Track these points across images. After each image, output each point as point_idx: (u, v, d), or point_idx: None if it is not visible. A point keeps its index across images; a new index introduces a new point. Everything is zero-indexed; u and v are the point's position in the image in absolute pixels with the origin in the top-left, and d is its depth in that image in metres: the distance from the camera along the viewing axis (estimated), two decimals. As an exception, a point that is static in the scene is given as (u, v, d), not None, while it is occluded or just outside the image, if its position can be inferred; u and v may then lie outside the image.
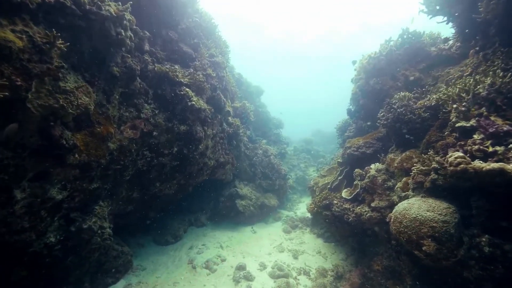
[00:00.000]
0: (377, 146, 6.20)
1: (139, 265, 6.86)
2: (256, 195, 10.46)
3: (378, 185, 5.06)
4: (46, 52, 3.02)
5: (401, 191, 4.44)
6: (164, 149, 5.79)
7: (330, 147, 23.79)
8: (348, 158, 6.81)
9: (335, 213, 5.81)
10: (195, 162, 6.66)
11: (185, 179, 6.93)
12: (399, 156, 4.86)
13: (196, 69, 5.97)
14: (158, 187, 6.34)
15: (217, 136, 7.45)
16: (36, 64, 2.97)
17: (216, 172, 8.42)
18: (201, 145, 6.49)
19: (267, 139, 13.81)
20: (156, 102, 5.44)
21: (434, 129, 4.28)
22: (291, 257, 7.46)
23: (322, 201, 6.24)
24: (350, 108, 8.21)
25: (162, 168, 6.06)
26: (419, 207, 3.67)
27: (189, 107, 5.54)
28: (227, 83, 8.08)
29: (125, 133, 4.83)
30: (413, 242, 3.61)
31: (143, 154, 5.43)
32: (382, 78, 6.63)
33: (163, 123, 5.50)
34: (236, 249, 8.00)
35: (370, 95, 6.91)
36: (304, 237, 8.91)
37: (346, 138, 9.41)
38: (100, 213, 4.59)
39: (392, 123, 4.89)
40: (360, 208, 5.38)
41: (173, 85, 5.36)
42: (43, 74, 3.02)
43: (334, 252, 7.66)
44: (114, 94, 4.50)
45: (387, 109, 5.11)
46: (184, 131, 5.95)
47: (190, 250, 7.84)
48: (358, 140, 6.61)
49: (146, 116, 5.18)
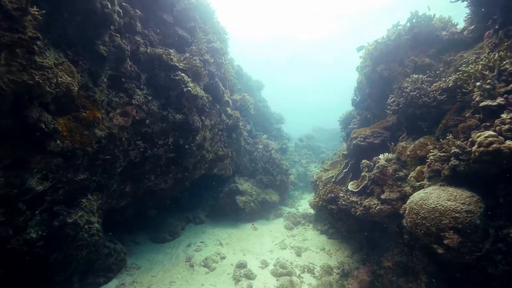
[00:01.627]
0: (385, 135, 5.83)
1: (133, 263, 6.50)
2: (257, 191, 10.10)
3: (389, 176, 4.69)
4: (17, 19, 2.65)
5: (415, 181, 4.08)
6: (158, 140, 5.42)
7: (332, 144, 23.44)
8: (354, 150, 6.44)
9: (342, 207, 5.44)
10: (192, 154, 6.29)
11: (181, 173, 6.56)
12: (412, 144, 4.49)
13: (192, 54, 5.60)
14: (153, 180, 5.97)
15: (216, 127, 7.08)
16: (5, 32, 2.59)
17: (215, 166, 8.05)
18: (198, 136, 6.12)
19: (268, 134, 13.43)
20: (149, 88, 5.06)
21: (452, 113, 3.91)
22: (294, 255, 7.11)
23: (327, 194, 5.88)
24: (354, 98, 7.83)
25: (157, 160, 5.69)
26: (438, 196, 3.30)
27: (185, 93, 5.17)
28: (226, 71, 7.71)
29: (115, 120, 4.46)
30: (432, 235, 3.25)
31: (135, 144, 5.06)
32: (390, 65, 6.25)
33: (157, 111, 5.13)
34: (236, 246, 7.64)
35: (377, 83, 6.53)
36: (307, 234, 8.55)
37: (350, 131, 9.04)
38: (88, 207, 4.22)
39: (404, 109, 4.52)
40: (368, 201, 5.02)
41: (168, 69, 4.99)
42: (14, 44, 2.64)
43: (339, 248, 7.30)
44: (101, 76, 4.12)
45: (398, 94, 4.74)
46: (180, 120, 5.58)
47: (188, 247, 7.48)
48: (365, 130, 6.25)
49: (138, 103, 4.81)
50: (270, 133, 13.88)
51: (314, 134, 19.66)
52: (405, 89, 4.56)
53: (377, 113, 7.09)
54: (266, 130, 13.94)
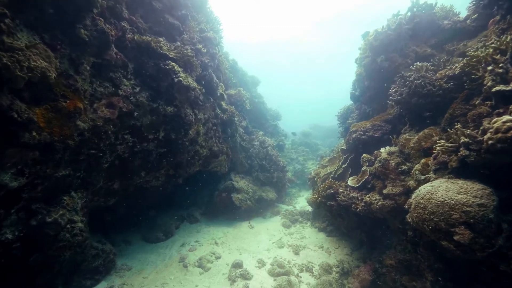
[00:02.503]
0: (386, 128, 5.61)
1: (124, 264, 6.20)
2: (253, 188, 9.85)
3: (391, 170, 4.46)
4: (-22, -8, 2.33)
5: (420, 174, 3.85)
6: (148, 134, 5.12)
7: (328, 141, 23.28)
8: (354, 144, 6.21)
9: (341, 203, 5.21)
10: (185, 149, 6.00)
11: (174, 169, 6.27)
12: (416, 136, 4.27)
13: (184, 43, 5.30)
14: (144, 177, 5.67)
15: (210, 121, 6.79)
16: (-36, 5, 2.28)
17: (210, 162, 7.77)
18: (191, 131, 5.83)
19: (264, 130, 13.17)
20: (137, 78, 4.76)
21: (459, 101, 3.69)
22: (291, 253, 6.87)
23: (326, 190, 5.64)
24: (353, 92, 7.60)
25: (147, 155, 5.39)
26: (447, 190, 3.08)
27: (176, 84, 4.87)
28: (220, 63, 7.40)
29: (99, 111, 4.16)
30: (441, 230, 3.02)
31: (123, 138, 4.76)
32: (391, 55, 6.02)
33: (146, 103, 4.83)
34: (232, 245, 7.38)
35: (377, 75, 6.30)
36: (305, 232, 8.33)
37: (349, 126, 8.82)
38: (70, 205, 3.92)
39: (407, 98, 4.29)
40: (369, 197, 4.79)
41: (157, 58, 4.69)
42: (-24, 20, 2.34)
43: (338, 246, 7.08)
44: (84, 63, 3.81)
45: (401, 83, 4.50)
46: (171, 113, 5.29)
47: (182, 247, 7.20)
48: (365, 123, 6.01)
49: (125, 93, 4.50)
50: (266, 129, 13.62)
51: (311, 131, 19.44)
52: (409, 78, 4.33)
53: (376, 107, 6.86)
54: (262, 126, 13.68)
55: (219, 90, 6.75)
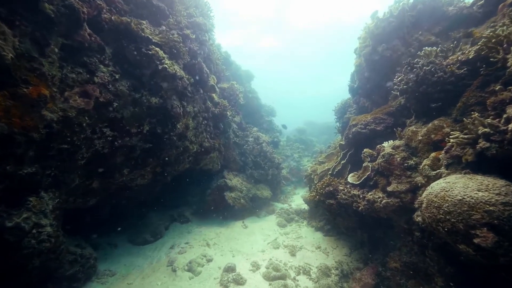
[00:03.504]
0: (389, 121, 5.26)
1: (107, 269, 5.73)
2: (247, 186, 9.44)
3: (396, 165, 4.10)
4: None
5: (430, 170, 3.50)
6: (130, 127, 4.64)
7: (323, 138, 23.01)
8: (353, 138, 5.85)
9: (341, 201, 4.84)
10: (173, 145, 5.54)
11: (161, 166, 5.80)
12: (423, 128, 3.91)
13: (170, 28, 4.82)
14: (127, 175, 5.20)
15: (200, 115, 6.33)
16: None
17: (201, 159, 7.32)
18: (179, 124, 5.37)
19: (259, 126, 12.75)
20: (116, 64, 4.27)
21: (473, 89, 3.33)
22: (287, 254, 6.50)
23: (325, 188, 5.26)
24: (352, 84, 7.24)
25: (130, 151, 4.92)
26: (465, 186, 2.72)
27: (160, 71, 4.40)
28: (211, 52, 6.93)
29: (71, 101, 3.67)
30: (458, 233, 2.66)
31: (101, 132, 4.27)
32: (393, 44, 5.66)
33: (126, 92, 4.35)
34: (225, 246, 6.97)
35: (378, 65, 5.94)
36: (301, 231, 7.98)
37: (346, 121, 8.49)
38: (37, 207, 3.44)
39: (414, 87, 3.93)
40: (372, 194, 4.43)
41: (138, 42, 4.21)
42: None
43: (336, 246, 6.75)
44: (50, 44, 3.32)
45: (407, 70, 4.14)
46: (156, 105, 4.82)
47: (171, 249, 6.75)
48: (365, 116, 5.65)
49: (102, 81, 4.01)
50: (261, 125, 13.20)
51: (306, 128, 19.11)
52: (416, 64, 3.96)
53: (377, 100, 6.51)
54: (257, 122, 13.25)
55: (210, 81, 6.29)
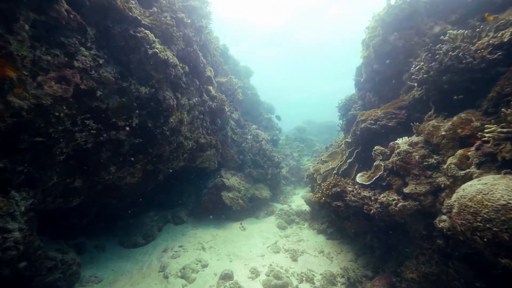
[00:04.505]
0: (401, 117, 4.83)
1: (93, 275, 5.26)
2: (246, 186, 8.98)
3: (414, 164, 3.67)
4: None
5: (457, 169, 3.06)
6: (117, 119, 4.16)
7: (323, 137, 22.64)
8: (361, 135, 5.41)
9: (350, 204, 4.40)
10: (165, 140, 5.06)
11: (153, 164, 5.33)
12: (447, 122, 3.47)
13: (162, 10, 4.34)
14: (114, 173, 4.71)
15: (196, 109, 5.85)
16: None
17: (197, 157, 6.84)
18: (172, 118, 4.90)
19: (258, 124, 12.29)
20: (100, 48, 3.78)
21: (509, 76, 2.91)
22: (289, 259, 6.06)
23: (331, 188, 4.82)
24: (358, 78, 6.80)
25: (117, 146, 4.44)
26: (509, 189, 2.29)
27: (150, 57, 3.93)
28: (208, 41, 6.45)
29: (46, 86, 3.18)
30: (502, 244, 2.23)
31: (83, 123, 3.79)
32: (405, 33, 5.23)
33: (112, 80, 3.87)
34: (222, 250, 6.52)
35: (389, 56, 5.50)
36: (302, 234, 7.54)
37: (351, 118, 8.06)
38: (4, 209, 2.96)
39: (436, 76, 3.50)
40: (385, 196, 3.99)
41: (126, 23, 3.73)
42: None
43: (340, 251, 6.32)
44: (19, 19, 2.83)
45: (427, 58, 3.71)
46: (146, 95, 4.34)
47: (163, 253, 6.28)
48: (375, 111, 5.22)
49: (84, 66, 3.53)
50: (259, 123, 12.74)
51: (305, 126, 18.67)
52: (439, 50, 3.53)
53: (385, 94, 6.08)
54: (255, 120, 12.79)
55: (207, 72, 5.81)
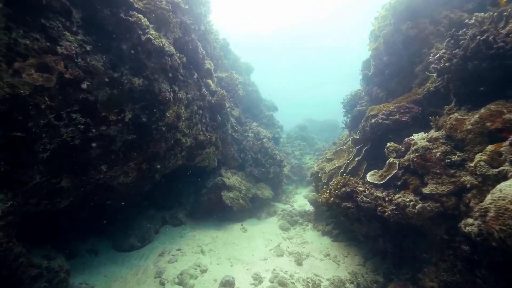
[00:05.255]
0: (416, 111, 4.49)
1: (84, 282, 4.91)
2: (247, 185, 8.64)
3: (435, 161, 3.33)
4: None
5: (488, 167, 2.72)
6: (108, 113, 3.81)
7: (324, 135, 22.30)
8: (371, 131, 5.07)
9: (362, 205, 4.06)
10: (162, 137, 4.71)
11: (148, 162, 4.98)
12: (474, 115, 3.13)
13: (156, -6, 3.99)
14: (106, 172, 4.36)
15: (194, 103, 5.50)
16: None
17: (195, 155, 6.49)
18: (169, 112, 4.54)
19: (259, 121, 11.94)
20: (88, 33, 3.42)
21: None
22: (293, 263, 5.72)
23: (340, 188, 4.47)
24: (365, 72, 6.45)
25: (108, 143, 4.08)
26: (561, 190, 1.94)
27: (144, 44, 3.57)
28: (208, 32, 6.07)
29: (25, 75, 2.83)
30: (555, 256, 1.89)
31: (69, 117, 3.43)
32: (419, 22, 4.88)
33: (101, 69, 3.51)
34: (222, 253, 6.17)
35: (401, 47, 5.16)
36: (306, 235, 7.21)
37: (357, 115, 7.71)
38: (-25, 213, 2.60)
39: (461, 64, 3.15)
40: (401, 197, 3.65)
41: (116, 5, 3.37)
42: None
43: (347, 254, 5.99)
44: (-11, -4, 2.47)
45: (449, 45, 3.36)
46: (140, 87, 3.98)
47: (160, 257, 5.94)
48: (387, 105, 4.87)
49: (69, 53, 3.17)
50: (260, 121, 12.38)
51: (307, 124, 18.31)
52: (463, 35, 3.19)
53: (395, 88, 5.74)
54: (256, 117, 12.43)
55: (206, 65, 5.46)
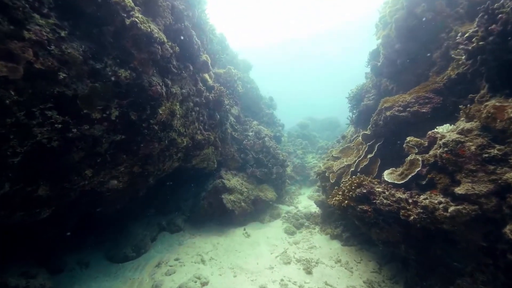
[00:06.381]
0: (437, 101, 4.03)
1: (72, 300, 4.43)
2: (248, 187, 8.16)
3: (469, 157, 2.86)
4: None
5: (543, 161, 2.24)
6: (90, 111, 3.33)
7: (325, 134, 21.84)
8: (386, 125, 4.61)
9: (382, 208, 3.59)
10: (154, 136, 4.23)
11: (140, 165, 4.50)
12: (516, 101, 2.67)
13: (143, -27, 3.52)
14: (91, 177, 3.87)
15: (190, 100, 5.02)
16: None
17: (193, 156, 6.01)
18: (161, 109, 4.07)
19: (259, 120, 11.46)
20: (64, 18, 2.95)
21: None
22: (302, 272, 5.26)
23: (355, 189, 4.00)
24: (374, 63, 5.99)
25: (92, 144, 3.60)
26: None
27: (129, 29, 3.10)
28: (203, 22, 5.59)
29: (-19, 63, 2.34)
30: None
31: (44, 115, 2.95)
32: (435, 4, 4.43)
33: (80, 59, 3.03)
34: (224, 262, 5.70)
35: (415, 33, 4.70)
36: (314, 239, 6.74)
37: (364, 109, 7.26)
38: None
39: (496, 42, 2.67)
40: (428, 199, 3.18)
41: (94, -17, 2.90)
42: None
43: (360, 260, 5.53)
44: None
45: (483, 21, 2.89)
46: (127, 80, 3.50)
47: (157, 268, 5.46)
48: (403, 96, 4.41)
49: (39, 38, 2.69)
50: (261, 119, 11.91)
51: (308, 122, 17.85)
52: (502, 8, 2.72)
53: (408, 79, 5.28)
54: (256, 116, 11.96)
55: (202, 57, 4.98)
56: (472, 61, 3.20)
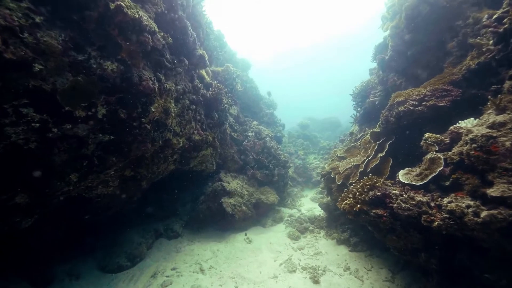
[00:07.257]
0: (456, 94, 3.68)
1: (59, 317, 4.05)
2: (249, 190, 7.80)
3: (504, 154, 2.51)
4: None
5: None
6: (72, 108, 2.96)
7: (326, 134, 21.54)
8: (398, 122, 4.26)
9: (400, 213, 3.23)
10: (147, 136, 3.86)
11: (132, 168, 4.13)
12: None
13: (131, -45, 3.17)
14: (77, 182, 3.49)
15: (186, 97, 4.66)
16: None
17: (190, 158, 5.65)
18: (153, 107, 3.70)
19: (259, 120, 11.11)
20: (41, 3, 2.59)
21: None
22: (309, 281, 4.88)
23: (368, 192, 3.64)
24: (382, 56, 5.66)
25: (77, 146, 3.23)
26: None
27: (114, 15, 2.75)
28: (200, 14, 5.23)
29: None
30: None
31: (18, 113, 2.59)
32: (450, -11, 4.12)
33: (59, 48, 2.67)
34: (225, 271, 5.32)
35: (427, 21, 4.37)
36: (319, 245, 6.37)
37: (370, 106, 6.92)
38: None
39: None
40: (454, 202, 2.83)
41: (72, -39, 2.55)
42: None
43: (371, 267, 5.16)
44: None
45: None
46: (114, 74, 3.14)
47: (152, 279, 5.08)
48: (417, 90, 4.06)
49: (9, 24, 2.33)
50: (261, 119, 11.56)
51: (309, 122, 17.50)
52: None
53: (417, 73, 4.94)
54: (256, 116, 11.61)
55: (198, 50, 4.63)
56: (502, 45, 2.86)
